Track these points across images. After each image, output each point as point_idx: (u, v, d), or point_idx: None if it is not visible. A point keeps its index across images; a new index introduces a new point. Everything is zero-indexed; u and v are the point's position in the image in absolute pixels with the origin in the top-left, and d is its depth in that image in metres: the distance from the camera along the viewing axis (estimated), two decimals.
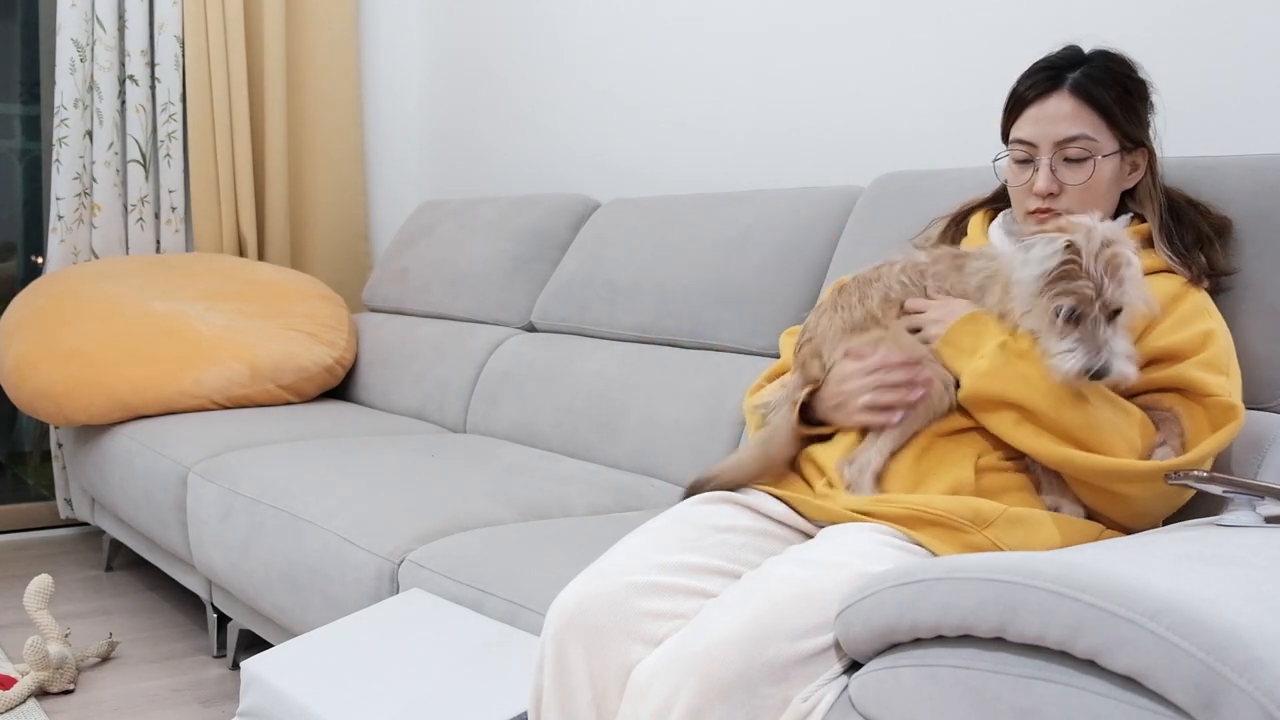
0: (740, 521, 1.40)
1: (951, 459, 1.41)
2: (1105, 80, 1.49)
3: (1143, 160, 1.54)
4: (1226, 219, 1.56)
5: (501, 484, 2.16)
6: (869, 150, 2.47)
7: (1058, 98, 1.50)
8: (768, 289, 2.29)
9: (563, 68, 3.32)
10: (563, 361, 2.66)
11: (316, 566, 1.98)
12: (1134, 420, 1.38)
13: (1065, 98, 1.49)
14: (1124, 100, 1.50)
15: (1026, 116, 1.53)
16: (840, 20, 2.52)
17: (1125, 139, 1.50)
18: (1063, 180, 1.49)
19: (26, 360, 2.90)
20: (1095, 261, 1.28)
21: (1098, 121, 1.48)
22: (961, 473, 1.39)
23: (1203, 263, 1.50)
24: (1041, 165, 1.50)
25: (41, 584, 2.42)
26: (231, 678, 2.45)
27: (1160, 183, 1.55)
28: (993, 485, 1.40)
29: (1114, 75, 1.50)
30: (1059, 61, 1.53)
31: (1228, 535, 1.12)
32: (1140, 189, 1.55)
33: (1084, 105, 1.48)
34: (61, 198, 3.35)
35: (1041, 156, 1.50)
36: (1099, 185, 1.49)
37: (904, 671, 1.07)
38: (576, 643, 1.25)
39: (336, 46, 3.75)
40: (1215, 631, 0.85)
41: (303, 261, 3.77)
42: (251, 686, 1.63)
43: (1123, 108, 1.49)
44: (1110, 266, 1.29)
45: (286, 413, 2.92)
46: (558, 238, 2.99)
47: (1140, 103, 1.52)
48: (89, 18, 3.34)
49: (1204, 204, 1.57)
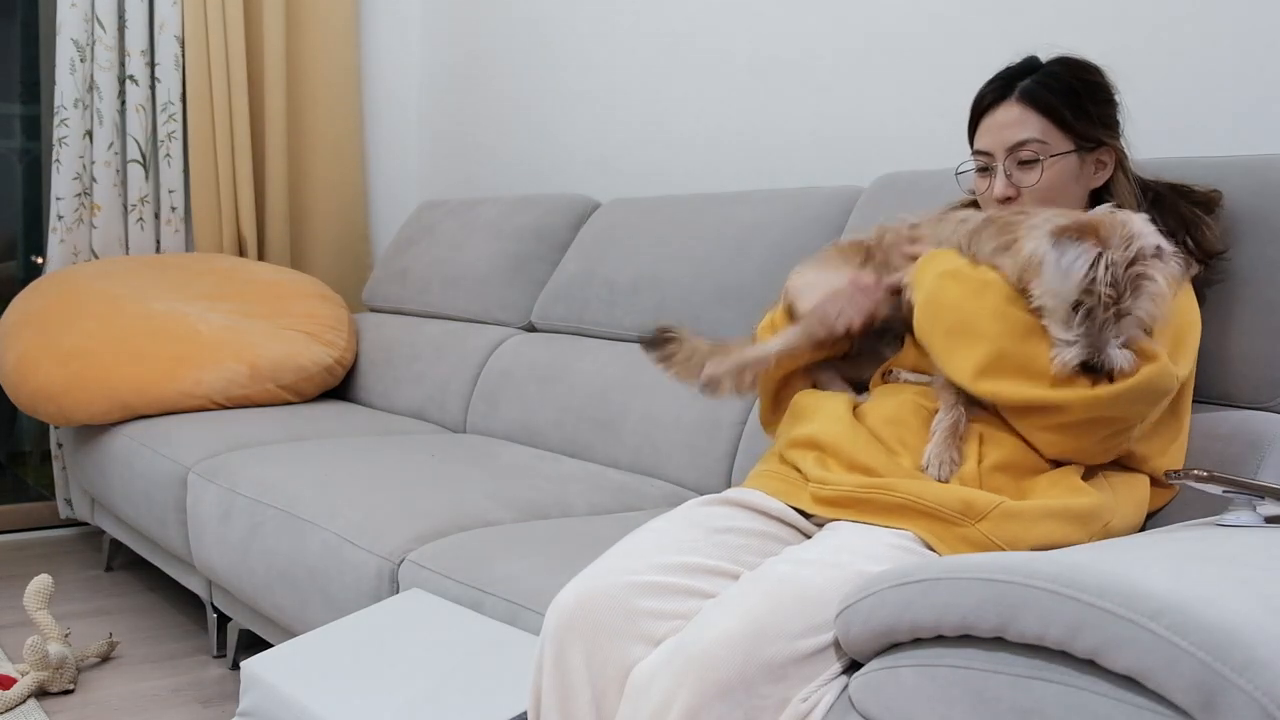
0: (739, 522, 1.40)
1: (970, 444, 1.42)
2: (1053, 85, 1.53)
3: (1109, 158, 1.56)
4: (1212, 194, 1.57)
5: (501, 484, 2.16)
6: (869, 150, 2.47)
7: (1006, 106, 1.54)
8: (768, 289, 2.29)
9: (563, 68, 3.32)
10: (563, 361, 2.66)
11: (316, 566, 1.98)
12: None
13: (1012, 105, 1.54)
14: (1073, 102, 1.52)
15: (982, 127, 1.58)
16: (841, 21, 2.52)
17: (1080, 139, 1.52)
18: (1018, 184, 1.53)
19: (26, 360, 2.90)
20: (1123, 273, 1.31)
21: (1045, 124, 1.52)
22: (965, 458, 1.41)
23: (1191, 247, 1.51)
24: (998, 172, 1.55)
25: (41, 584, 2.42)
26: (231, 678, 2.45)
27: (1135, 176, 1.57)
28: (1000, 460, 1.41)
29: (1063, 80, 1.53)
30: (1012, 71, 1.57)
31: (1228, 535, 1.12)
32: (1115, 185, 1.56)
33: (1029, 110, 1.52)
34: (61, 198, 3.35)
35: (996, 163, 1.55)
36: (1054, 185, 1.52)
37: (904, 671, 1.07)
38: (576, 643, 1.25)
39: (336, 46, 3.75)
40: (1215, 631, 0.85)
41: (303, 261, 3.76)
42: (251, 686, 1.62)
43: (1072, 109, 1.52)
44: (1134, 283, 1.31)
45: (286, 413, 2.92)
46: (558, 238, 2.99)
47: (1095, 104, 1.54)
48: (89, 18, 3.34)
49: (1186, 185, 1.58)
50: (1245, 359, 1.52)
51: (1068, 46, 1.59)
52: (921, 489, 1.35)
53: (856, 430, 1.47)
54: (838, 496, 1.40)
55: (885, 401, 1.51)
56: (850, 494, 1.39)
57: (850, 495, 1.39)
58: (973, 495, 1.34)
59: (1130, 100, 1.59)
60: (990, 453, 1.41)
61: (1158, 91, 1.94)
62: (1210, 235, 1.54)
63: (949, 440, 1.41)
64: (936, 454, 1.40)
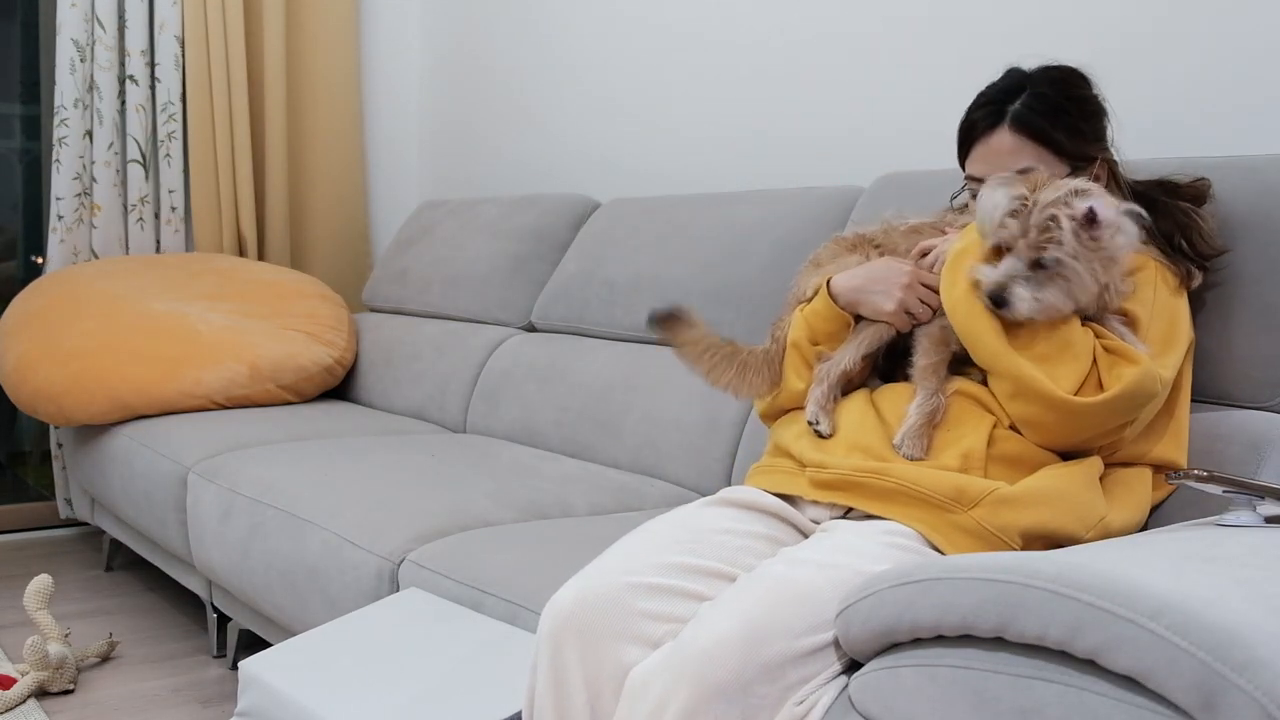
0: (737, 524, 1.40)
1: (969, 423, 1.42)
2: (1044, 109, 1.51)
3: (1103, 171, 1.55)
4: (1199, 183, 1.57)
5: (501, 484, 2.16)
6: (869, 150, 2.47)
7: (1000, 134, 1.52)
8: (768, 289, 2.29)
9: (563, 67, 3.32)
10: (563, 361, 2.66)
11: (316, 566, 1.98)
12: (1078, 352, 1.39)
13: (1006, 134, 1.52)
14: (1066, 124, 1.51)
15: (975, 154, 1.56)
16: (841, 21, 2.52)
17: (1074, 159, 1.52)
18: None
19: (26, 360, 2.90)
20: (1036, 213, 1.34)
21: (1041, 151, 1.51)
22: (974, 441, 1.40)
23: (1188, 251, 1.51)
24: None
25: (41, 584, 2.42)
26: (231, 678, 2.45)
27: (1126, 182, 1.57)
28: (1008, 453, 1.41)
29: (1053, 101, 1.52)
30: (1000, 95, 1.55)
31: (1228, 535, 1.12)
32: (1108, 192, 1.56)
33: (1025, 139, 1.51)
34: (61, 198, 3.35)
35: None
36: None
37: (904, 671, 1.06)
38: (572, 644, 1.25)
39: (336, 46, 3.75)
40: (1215, 631, 0.85)
41: (303, 261, 3.76)
42: (249, 686, 1.62)
43: (1067, 131, 1.51)
44: (1043, 223, 1.34)
45: (286, 413, 2.92)
46: (558, 238, 2.99)
47: (1086, 120, 1.53)
48: (89, 18, 3.34)
49: (1170, 179, 1.58)
50: (1245, 359, 1.52)
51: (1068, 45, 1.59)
52: (917, 475, 1.36)
53: (865, 412, 1.48)
54: (835, 480, 1.41)
55: (903, 390, 1.50)
56: (846, 477, 1.40)
57: (846, 479, 1.40)
58: (966, 482, 1.35)
59: (1130, 98, 1.59)
60: (999, 441, 1.41)
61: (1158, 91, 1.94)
62: (1206, 232, 1.53)
63: (924, 427, 1.42)
64: (910, 436, 1.41)
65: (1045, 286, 1.35)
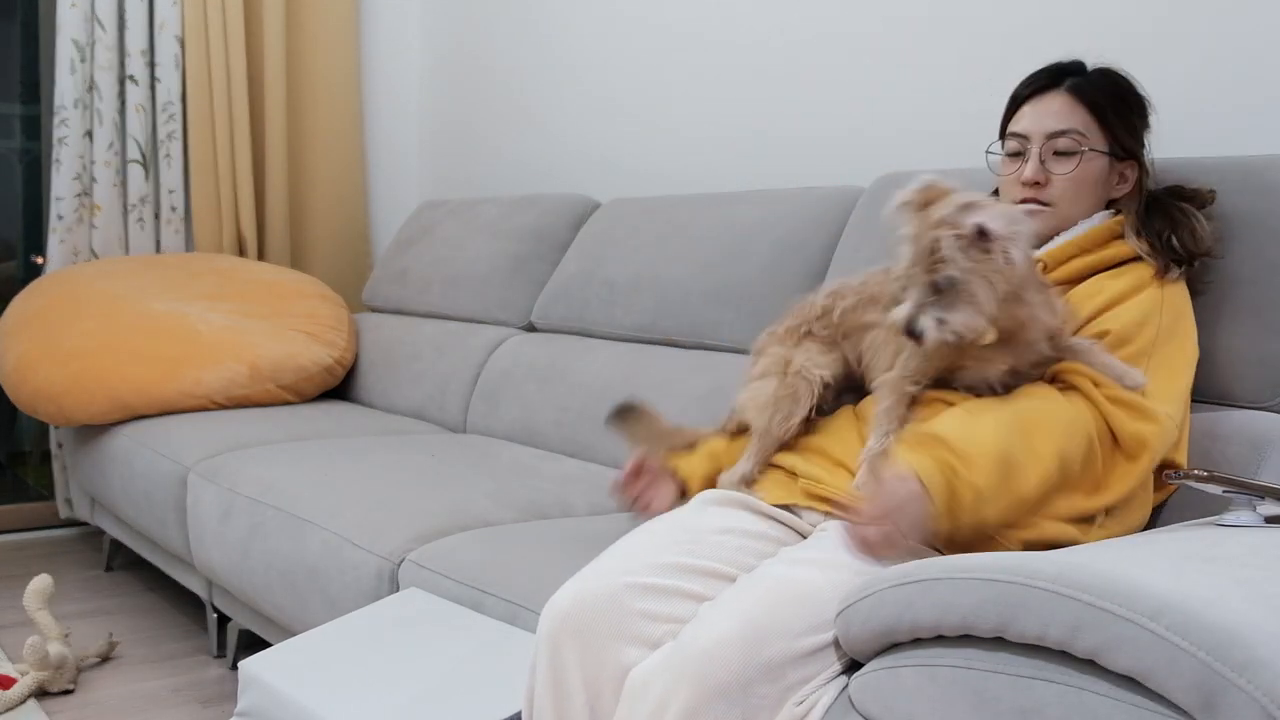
0: (736, 524, 1.40)
1: None
2: (1102, 85, 1.55)
3: (1132, 174, 1.56)
4: (1206, 192, 1.57)
5: (501, 484, 2.16)
6: (869, 150, 2.47)
7: (1053, 94, 1.55)
8: (768, 289, 2.29)
9: (563, 68, 3.32)
10: (563, 361, 2.66)
11: (316, 566, 1.98)
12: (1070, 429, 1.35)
13: (1060, 94, 1.55)
14: (1118, 106, 1.54)
15: (1022, 112, 1.58)
16: (841, 21, 2.52)
17: (1116, 144, 1.54)
18: (1050, 171, 1.53)
19: (26, 360, 2.90)
20: (923, 238, 1.31)
21: (1089, 120, 1.53)
22: None
23: (1175, 246, 1.51)
24: (1031, 155, 1.54)
25: (41, 584, 2.42)
26: (231, 678, 2.45)
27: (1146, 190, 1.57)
28: None
29: (1112, 84, 1.56)
30: (1061, 66, 1.58)
31: (1228, 535, 1.12)
32: (1127, 198, 1.57)
33: (1078, 103, 1.53)
34: (61, 198, 3.35)
35: (1032, 147, 1.54)
36: (1085, 179, 1.52)
37: (904, 671, 1.06)
38: (570, 644, 1.25)
39: (336, 46, 3.75)
40: (1215, 631, 0.85)
41: (303, 261, 3.76)
42: (249, 686, 1.62)
43: (1116, 112, 1.54)
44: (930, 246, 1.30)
45: (286, 413, 2.92)
46: (558, 238, 2.99)
47: (1134, 115, 1.56)
48: (89, 18, 3.34)
49: (1179, 185, 1.58)
50: (1245, 359, 1.52)
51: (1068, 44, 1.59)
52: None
53: (849, 429, 1.49)
54: (828, 494, 1.42)
55: None
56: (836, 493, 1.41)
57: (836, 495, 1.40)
58: None
59: None
60: None
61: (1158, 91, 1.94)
62: (1197, 233, 1.52)
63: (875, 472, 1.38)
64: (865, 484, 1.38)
65: (952, 308, 1.31)
